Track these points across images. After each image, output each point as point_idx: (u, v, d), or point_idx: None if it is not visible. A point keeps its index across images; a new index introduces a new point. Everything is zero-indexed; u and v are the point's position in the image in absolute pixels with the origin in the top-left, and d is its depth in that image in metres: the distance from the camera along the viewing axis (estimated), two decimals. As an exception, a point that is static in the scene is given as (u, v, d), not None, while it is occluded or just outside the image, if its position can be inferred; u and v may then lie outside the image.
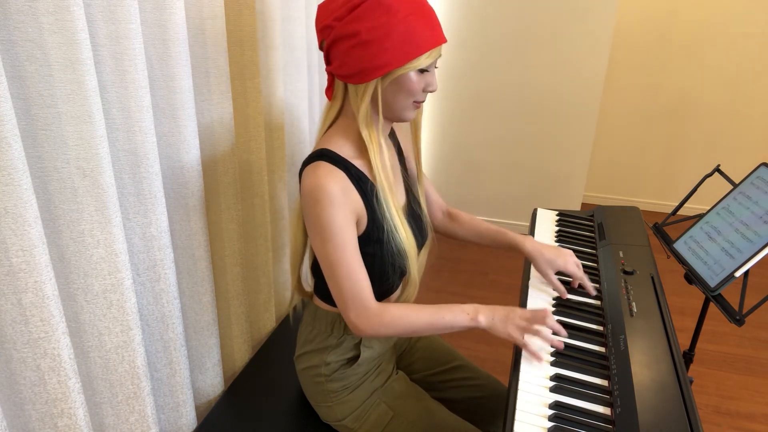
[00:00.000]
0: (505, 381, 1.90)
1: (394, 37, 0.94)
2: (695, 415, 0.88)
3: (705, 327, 2.41)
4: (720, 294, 1.19)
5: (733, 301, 1.19)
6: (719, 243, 1.24)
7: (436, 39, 0.97)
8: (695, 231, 1.32)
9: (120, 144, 0.97)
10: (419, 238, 1.16)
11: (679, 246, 1.34)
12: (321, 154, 1.02)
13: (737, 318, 1.14)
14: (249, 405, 1.29)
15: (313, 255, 1.16)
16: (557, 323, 1.07)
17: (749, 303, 2.34)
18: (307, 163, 1.03)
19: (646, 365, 0.99)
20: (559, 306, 1.19)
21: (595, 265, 1.34)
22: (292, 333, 1.54)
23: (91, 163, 0.88)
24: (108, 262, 0.95)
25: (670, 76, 3.11)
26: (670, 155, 3.29)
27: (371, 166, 1.04)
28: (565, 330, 1.08)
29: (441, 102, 3.03)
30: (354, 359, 1.16)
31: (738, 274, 1.15)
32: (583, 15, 2.65)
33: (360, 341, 1.16)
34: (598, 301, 1.21)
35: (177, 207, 1.16)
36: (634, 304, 1.15)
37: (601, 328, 1.13)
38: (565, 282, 1.26)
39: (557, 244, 1.43)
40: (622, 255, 1.33)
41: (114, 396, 1.04)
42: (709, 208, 1.71)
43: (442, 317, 1.04)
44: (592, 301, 1.22)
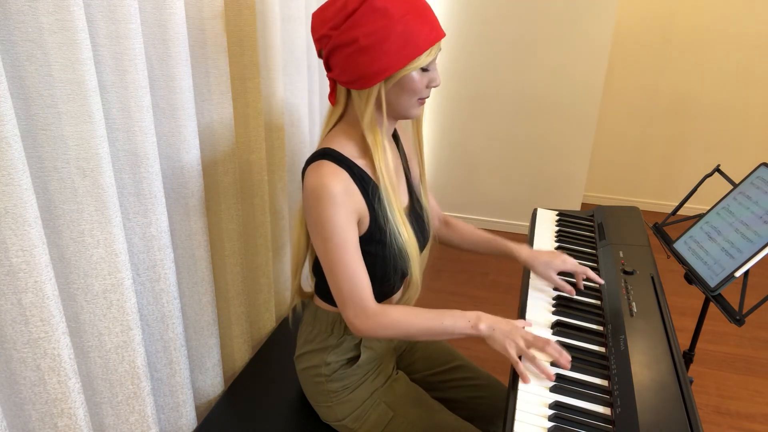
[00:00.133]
0: (505, 381, 1.90)
1: (393, 40, 0.93)
2: (695, 415, 0.88)
3: (705, 327, 2.41)
4: (720, 294, 1.19)
5: (733, 301, 1.19)
6: (719, 243, 1.24)
7: (434, 35, 0.96)
8: (695, 231, 1.32)
9: (120, 144, 0.97)
10: (421, 240, 1.16)
11: (679, 246, 1.34)
12: (324, 153, 1.01)
13: (737, 318, 1.14)
14: (249, 405, 1.29)
15: (314, 254, 1.16)
16: (558, 354, 1.01)
17: (749, 303, 2.34)
18: (310, 161, 1.03)
19: (646, 365, 0.99)
20: (559, 306, 1.19)
21: (595, 265, 1.34)
22: (292, 333, 1.54)
23: (91, 163, 0.88)
24: (108, 262, 0.95)
25: (670, 76, 3.11)
26: (670, 155, 3.29)
27: (374, 166, 1.04)
28: (567, 361, 1.01)
29: (441, 102, 3.03)
30: (354, 359, 1.16)
31: (738, 274, 1.15)
32: (583, 15, 2.66)
33: (360, 341, 1.16)
34: (598, 301, 1.21)
35: (177, 207, 1.16)
36: (634, 304, 1.15)
37: (601, 328, 1.13)
38: (569, 283, 1.26)
39: (557, 245, 1.44)
40: (622, 255, 1.33)
41: (114, 396, 1.04)
42: (709, 208, 1.71)
43: (441, 322, 1.03)
44: (592, 301, 1.22)
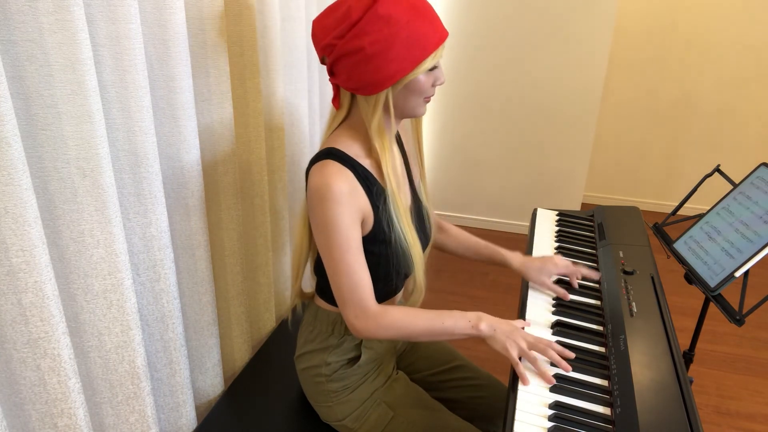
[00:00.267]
0: (505, 381, 1.90)
1: (399, 46, 0.93)
2: (695, 415, 0.88)
3: (705, 327, 2.41)
4: (720, 294, 1.19)
5: (733, 301, 1.19)
6: (719, 243, 1.23)
7: (439, 37, 0.96)
8: (695, 231, 1.32)
9: (120, 144, 0.97)
10: (423, 240, 1.16)
11: (679, 246, 1.34)
12: (329, 153, 1.01)
13: (737, 318, 1.14)
14: (249, 405, 1.29)
15: (316, 254, 1.16)
16: (559, 356, 1.01)
17: (749, 303, 2.34)
18: (314, 161, 1.02)
19: (646, 365, 0.99)
20: (559, 306, 1.19)
21: (595, 265, 1.34)
22: (292, 333, 1.54)
23: (91, 163, 0.88)
24: (108, 262, 0.95)
25: (670, 76, 3.11)
26: (670, 155, 3.29)
27: (379, 166, 1.04)
28: (567, 363, 1.00)
29: (441, 102, 3.03)
30: (355, 359, 1.16)
31: (738, 274, 1.15)
32: (583, 15, 2.66)
33: (361, 342, 1.16)
34: (598, 301, 1.21)
35: (177, 207, 1.16)
36: (634, 304, 1.15)
37: (601, 328, 1.13)
38: (565, 283, 1.26)
39: (557, 244, 1.44)
40: (622, 255, 1.33)
41: (114, 396, 1.04)
42: (709, 208, 1.71)
43: (442, 322, 1.03)
44: (592, 301, 1.22)
